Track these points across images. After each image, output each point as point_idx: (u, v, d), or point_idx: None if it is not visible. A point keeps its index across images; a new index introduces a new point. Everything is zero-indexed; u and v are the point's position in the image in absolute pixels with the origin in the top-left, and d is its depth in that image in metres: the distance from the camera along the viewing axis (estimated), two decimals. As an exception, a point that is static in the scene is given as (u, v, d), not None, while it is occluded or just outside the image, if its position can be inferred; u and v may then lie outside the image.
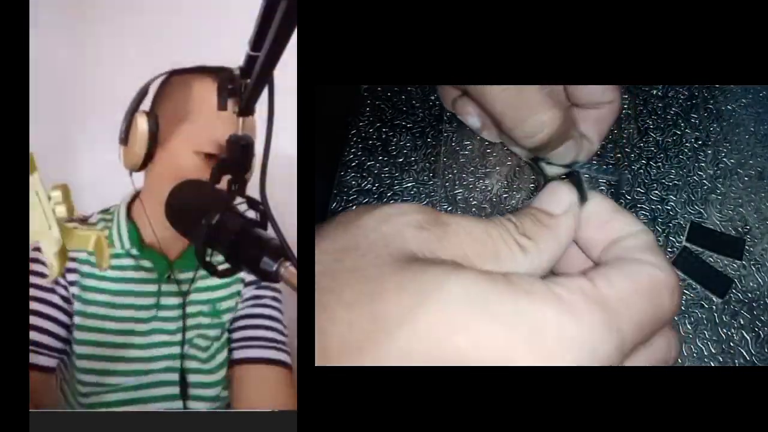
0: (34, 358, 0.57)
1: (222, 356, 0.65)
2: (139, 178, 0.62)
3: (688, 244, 0.48)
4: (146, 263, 0.63)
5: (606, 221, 0.31)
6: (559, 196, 0.31)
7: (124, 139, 0.58)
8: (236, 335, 0.66)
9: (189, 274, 0.64)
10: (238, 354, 0.65)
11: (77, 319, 0.60)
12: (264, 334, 0.65)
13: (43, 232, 0.32)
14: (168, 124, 0.59)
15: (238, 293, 0.67)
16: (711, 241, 0.48)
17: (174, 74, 0.62)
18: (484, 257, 0.27)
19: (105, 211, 0.67)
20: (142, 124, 0.57)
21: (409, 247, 0.26)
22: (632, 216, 0.32)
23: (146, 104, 0.61)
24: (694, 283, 0.46)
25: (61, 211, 0.33)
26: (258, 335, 0.65)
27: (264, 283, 0.68)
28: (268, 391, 0.62)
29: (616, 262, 0.28)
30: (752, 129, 0.54)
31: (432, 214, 0.28)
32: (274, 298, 0.69)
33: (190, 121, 0.59)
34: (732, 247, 0.48)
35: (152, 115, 0.58)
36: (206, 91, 0.59)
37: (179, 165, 0.58)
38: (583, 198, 0.32)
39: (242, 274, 0.67)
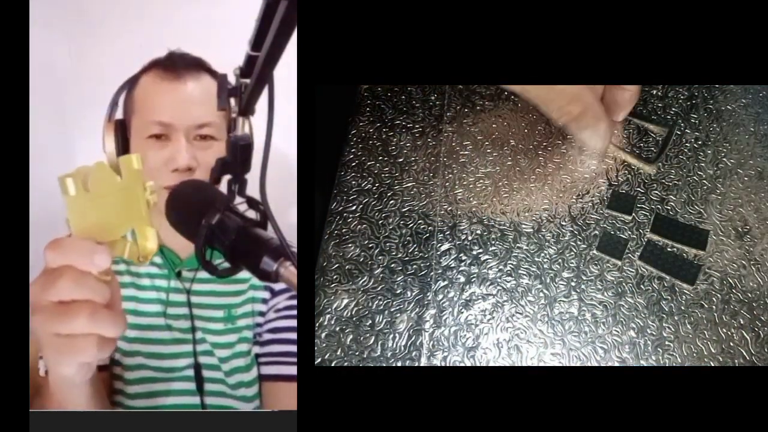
0: None
1: (238, 362, 0.63)
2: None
3: (652, 236, 0.48)
4: (157, 259, 0.64)
5: None
6: None
7: (103, 147, 0.62)
8: (267, 349, 0.63)
9: (193, 274, 0.65)
10: (268, 370, 0.61)
11: None
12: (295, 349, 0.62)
13: (140, 218, 0.37)
14: (132, 128, 0.63)
15: (255, 299, 0.65)
16: (675, 232, 0.48)
17: (131, 81, 0.65)
18: None
19: None
20: (108, 136, 0.62)
21: None
22: None
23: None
24: (664, 275, 0.46)
25: (153, 199, 0.38)
26: (290, 350, 0.62)
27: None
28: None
29: None
30: (752, 129, 0.54)
31: None
32: None
33: (137, 112, 0.62)
34: (696, 238, 0.48)
35: (118, 124, 0.62)
36: (149, 82, 0.62)
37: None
38: None
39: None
